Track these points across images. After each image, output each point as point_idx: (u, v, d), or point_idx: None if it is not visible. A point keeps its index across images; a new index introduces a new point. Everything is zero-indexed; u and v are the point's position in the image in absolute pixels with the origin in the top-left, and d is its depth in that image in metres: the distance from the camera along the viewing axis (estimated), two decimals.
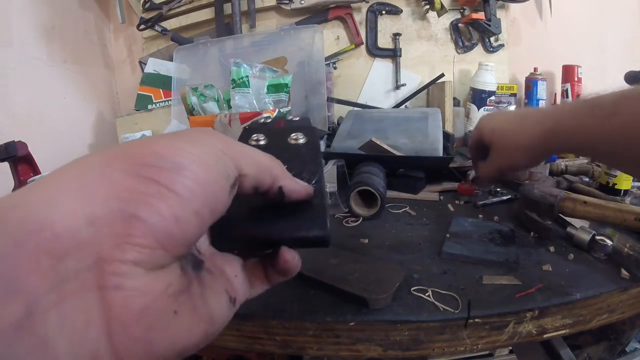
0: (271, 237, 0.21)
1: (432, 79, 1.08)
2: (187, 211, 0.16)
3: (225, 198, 0.18)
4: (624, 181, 0.62)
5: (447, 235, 0.49)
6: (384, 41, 1.14)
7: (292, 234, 0.21)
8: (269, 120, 0.30)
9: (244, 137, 0.26)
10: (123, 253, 0.15)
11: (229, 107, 0.80)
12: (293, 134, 0.26)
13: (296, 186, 0.21)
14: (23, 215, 0.14)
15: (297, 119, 0.31)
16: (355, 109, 1.06)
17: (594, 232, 0.45)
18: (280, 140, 0.26)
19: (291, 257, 0.21)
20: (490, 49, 1.14)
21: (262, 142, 0.25)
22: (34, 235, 0.13)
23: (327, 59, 1.08)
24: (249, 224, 0.20)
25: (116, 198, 0.15)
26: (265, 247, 0.22)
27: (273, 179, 0.20)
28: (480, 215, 0.57)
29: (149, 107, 1.11)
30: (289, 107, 0.82)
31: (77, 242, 0.14)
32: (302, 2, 1.08)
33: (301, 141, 0.26)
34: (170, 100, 1.09)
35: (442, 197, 0.67)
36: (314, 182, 0.23)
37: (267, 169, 0.20)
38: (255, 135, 0.25)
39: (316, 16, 1.11)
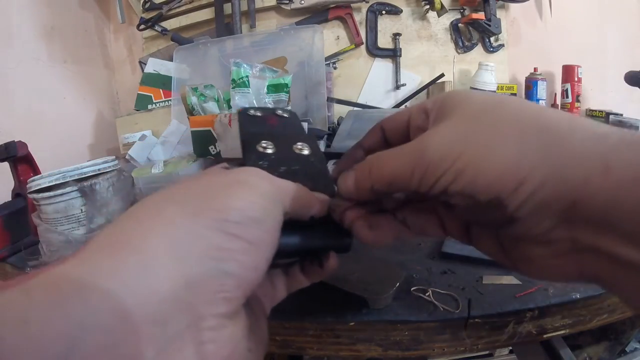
0: (306, 247, 0.23)
1: (432, 79, 1.08)
2: (263, 259, 0.18)
3: (278, 237, 0.19)
4: None
5: None
6: (384, 41, 1.14)
7: (326, 243, 0.24)
8: (258, 114, 0.32)
9: (250, 143, 0.27)
10: (217, 308, 0.16)
11: (229, 107, 0.80)
12: (298, 144, 0.28)
13: (323, 207, 0.23)
14: (123, 286, 0.14)
15: (286, 115, 0.33)
16: (355, 109, 1.06)
17: None
18: (287, 148, 0.27)
19: (335, 262, 0.24)
20: (490, 49, 1.14)
21: (269, 150, 0.26)
22: (137, 307, 0.14)
23: (327, 59, 1.08)
24: (284, 237, 0.22)
25: (209, 257, 0.16)
26: (299, 256, 0.25)
27: (306, 210, 0.22)
28: None
29: (149, 107, 1.11)
30: (289, 107, 0.82)
31: (179, 305, 0.15)
32: (302, 2, 1.08)
33: (306, 152, 0.27)
34: (170, 100, 1.08)
35: None
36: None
37: (303, 204, 0.22)
38: (263, 142, 0.26)
39: (316, 16, 1.11)
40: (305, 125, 0.84)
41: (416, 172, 0.19)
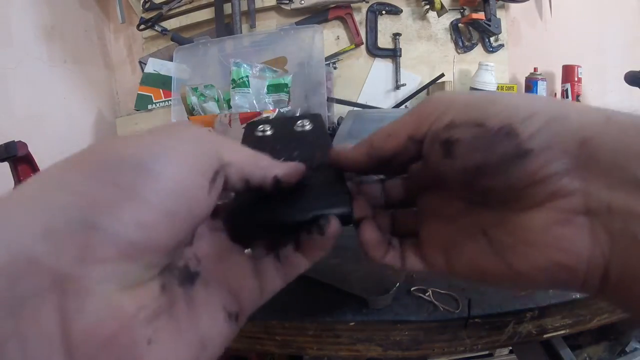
0: (294, 219, 0.19)
1: (432, 79, 1.08)
2: (154, 215, 0.14)
3: (205, 196, 0.16)
4: None
5: None
6: (384, 41, 1.14)
7: (315, 212, 0.20)
8: (268, 132, 0.28)
9: (250, 130, 0.25)
10: (85, 268, 0.13)
11: (229, 107, 0.81)
12: (299, 122, 0.26)
13: (290, 169, 0.20)
14: None
15: (307, 127, 0.28)
16: (355, 109, 1.06)
17: None
18: (287, 128, 0.25)
19: (337, 225, 0.20)
20: (490, 49, 1.14)
21: (268, 132, 0.24)
22: None
23: (327, 59, 1.08)
24: (267, 209, 0.20)
25: (75, 207, 0.13)
26: (287, 230, 0.20)
27: (263, 170, 0.19)
28: None
29: (149, 107, 1.11)
30: (289, 107, 0.82)
31: (32, 259, 0.12)
32: (302, 2, 1.08)
33: (307, 127, 0.25)
34: (170, 100, 1.08)
35: None
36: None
37: (253, 160, 0.19)
38: (261, 126, 0.25)
39: (316, 16, 1.11)
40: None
41: (420, 119, 0.20)
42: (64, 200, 0.13)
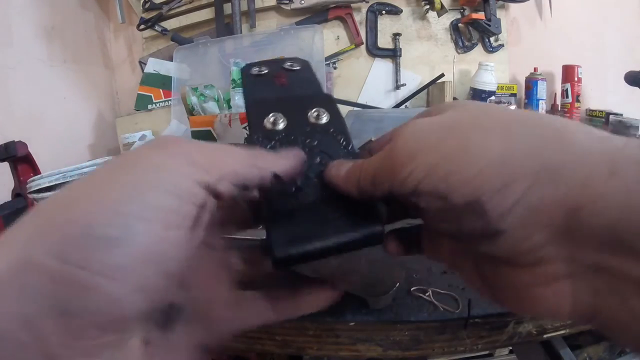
0: (339, 245, 0.18)
1: (432, 79, 1.08)
2: (129, 289, 0.13)
3: (187, 239, 0.15)
4: None
5: None
6: (384, 41, 1.14)
7: (351, 234, 0.18)
8: (264, 70, 0.27)
9: (256, 116, 0.22)
10: (71, 350, 0.13)
11: (229, 107, 0.81)
12: (313, 111, 0.23)
13: (289, 164, 0.18)
14: None
15: (297, 67, 0.28)
16: (355, 109, 1.06)
17: None
18: (300, 119, 0.22)
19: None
20: (490, 49, 1.14)
21: (280, 126, 0.22)
22: None
23: (327, 59, 1.08)
24: (303, 234, 0.18)
25: (48, 292, 0.13)
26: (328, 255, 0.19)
27: (260, 170, 0.17)
28: None
29: (149, 107, 1.11)
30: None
31: (22, 343, 0.12)
32: (302, 2, 1.08)
33: (324, 120, 0.22)
34: (170, 100, 1.09)
35: None
36: None
37: (247, 162, 0.17)
38: (271, 115, 0.22)
39: (316, 16, 1.11)
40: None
41: (388, 168, 0.17)
42: (36, 284, 0.13)
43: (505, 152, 0.14)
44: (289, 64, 0.28)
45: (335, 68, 1.15)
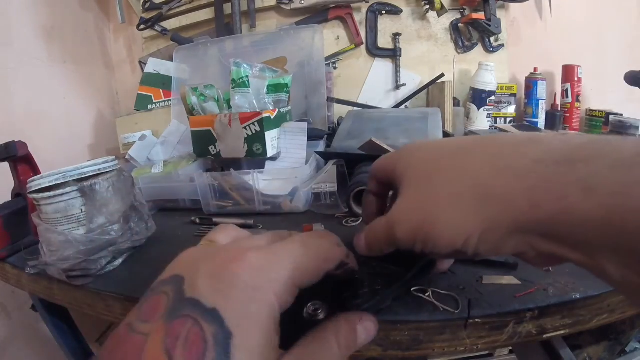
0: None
1: (432, 79, 1.08)
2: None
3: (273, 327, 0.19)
4: None
5: None
6: (384, 41, 1.14)
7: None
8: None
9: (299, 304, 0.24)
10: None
11: (229, 107, 0.80)
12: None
13: (342, 253, 0.25)
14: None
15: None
16: (355, 109, 1.06)
17: None
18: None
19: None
20: (490, 49, 1.14)
21: (320, 317, 0.24)
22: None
23: (327, 59, 1.08)
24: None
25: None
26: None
27: (329, 265, 0.23)
28: None
29: (149, 107, 1.11)
30: (289, 107, 0.82)
31: None
32: (302, 2, 1.08)
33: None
34: (170, 100, 1.09)
35: None
36: None
37: (318, 266, 0.22)
38: (311, 305, 0.24)
39: (316, 16, 1.11)
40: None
41: (395, 243, 0.26)
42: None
43: (460, 223, 0.23)
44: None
45: (335, 68, 1.15)
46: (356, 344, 0.24)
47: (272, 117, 0.71)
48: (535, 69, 1.11)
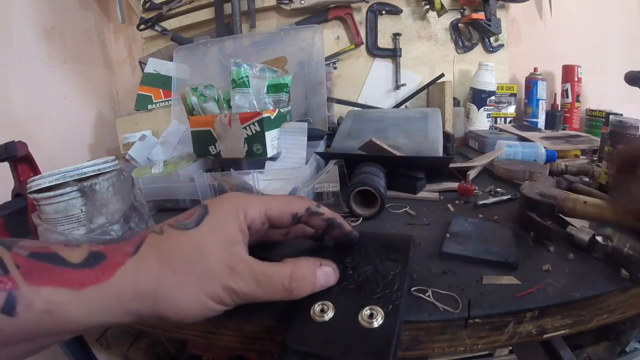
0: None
1: (432, 79, 1.08)
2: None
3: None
4: None
5: (447, 235, 0.49)
6: (384, 41, 1.14)
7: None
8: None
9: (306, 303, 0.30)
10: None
11: (229, 107, 0.80)
12: (367, 309, 0.27)
13: (301, 203, 0.33)
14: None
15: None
16: (355, 109, 1.06)
17: (593, 232, 0.44)
18: (350, 315, 0.27)
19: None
20: (490, 49, 1.14)
21: (327, 317, 0.27)
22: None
23: (327, 59, 1.08)
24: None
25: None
26: None
27: (295, 208, 0.32)
28: (480, 215, 0.57)
29: (149, 107, 1.11)
30: (289, 107, 0.82)
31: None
32: (302, 2, 1.08)
33: (377, 324, 0.25)
34: (170, 100, 1.09)
35: (442, 197, 0.67)
36: None
37: (283, 206, 0.32)
38: (319, 304, 0.29)
39: (316, 16, 1.11)
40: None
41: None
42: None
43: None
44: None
45: (335, 68, 1.15)
46: (313, 287, 0.29)
47: (272, 117, 0.71)
48: (535, 69, 1.11)
